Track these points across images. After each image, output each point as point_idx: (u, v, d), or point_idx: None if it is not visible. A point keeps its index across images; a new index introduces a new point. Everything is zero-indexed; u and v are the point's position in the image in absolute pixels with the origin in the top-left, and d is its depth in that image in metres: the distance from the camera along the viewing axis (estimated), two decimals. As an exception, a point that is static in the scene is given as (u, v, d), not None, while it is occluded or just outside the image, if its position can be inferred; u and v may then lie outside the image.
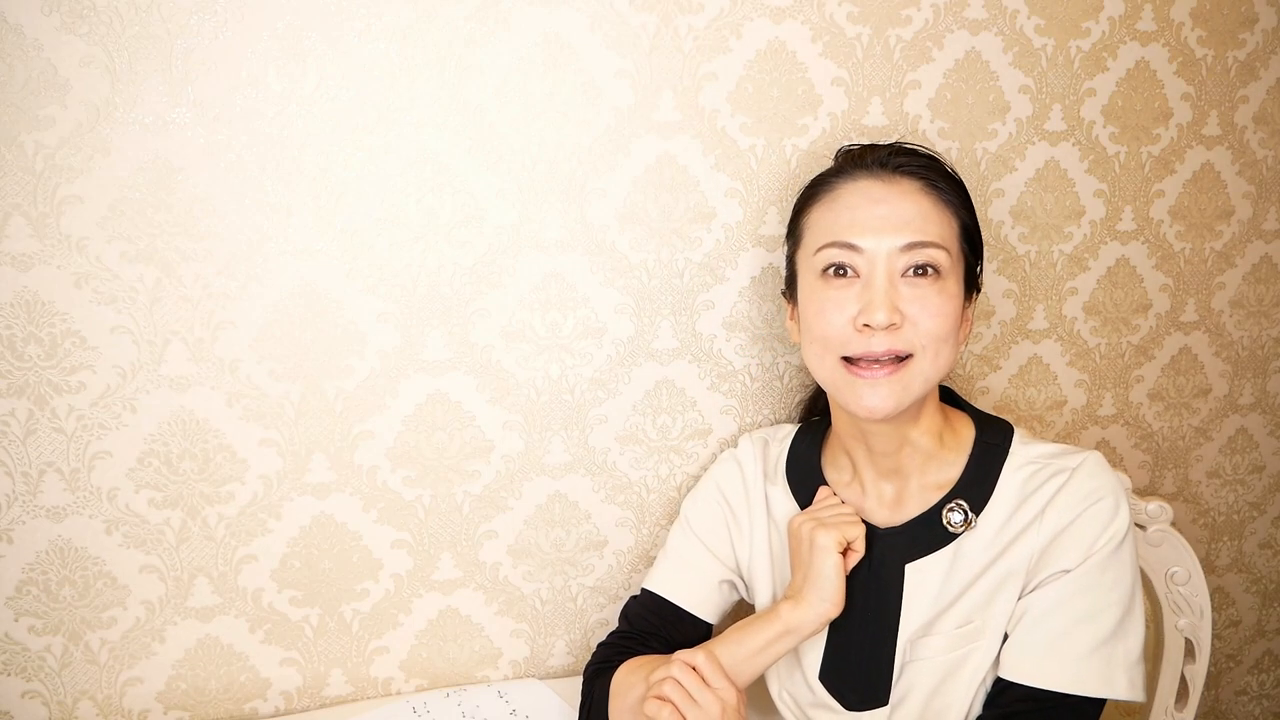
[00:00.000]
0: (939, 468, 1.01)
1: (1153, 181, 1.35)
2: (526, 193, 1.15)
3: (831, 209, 0.98)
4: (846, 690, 1.00)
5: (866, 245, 0.94)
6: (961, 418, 1.05)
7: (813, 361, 1.00)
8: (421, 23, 1.08)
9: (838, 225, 0.96)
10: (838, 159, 1.06)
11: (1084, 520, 0.92)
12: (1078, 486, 0.93)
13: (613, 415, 1.23)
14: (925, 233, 0.94)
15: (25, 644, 1.12)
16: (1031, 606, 0.92)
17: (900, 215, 0.94)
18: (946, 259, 0.95)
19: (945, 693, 0.95)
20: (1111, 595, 0.91)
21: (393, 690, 1.25)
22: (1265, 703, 1.64)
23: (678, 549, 1.14)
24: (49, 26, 0.99)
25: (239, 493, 1.14)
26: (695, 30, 1.15)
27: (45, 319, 1.05)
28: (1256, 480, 1.53)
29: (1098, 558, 0.90)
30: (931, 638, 0.96)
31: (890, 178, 0.97)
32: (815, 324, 0.97)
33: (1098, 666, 0.89)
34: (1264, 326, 1.46)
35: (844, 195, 0.98)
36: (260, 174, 1.07)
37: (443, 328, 1.16)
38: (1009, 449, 1.00)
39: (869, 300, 0.93)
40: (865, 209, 0.95)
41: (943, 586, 0.97)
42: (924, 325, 0.93)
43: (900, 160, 0.98)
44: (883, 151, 1.00)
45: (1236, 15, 1.32)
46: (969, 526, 0.97)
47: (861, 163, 1.00)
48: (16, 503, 1.08)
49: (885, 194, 0.96)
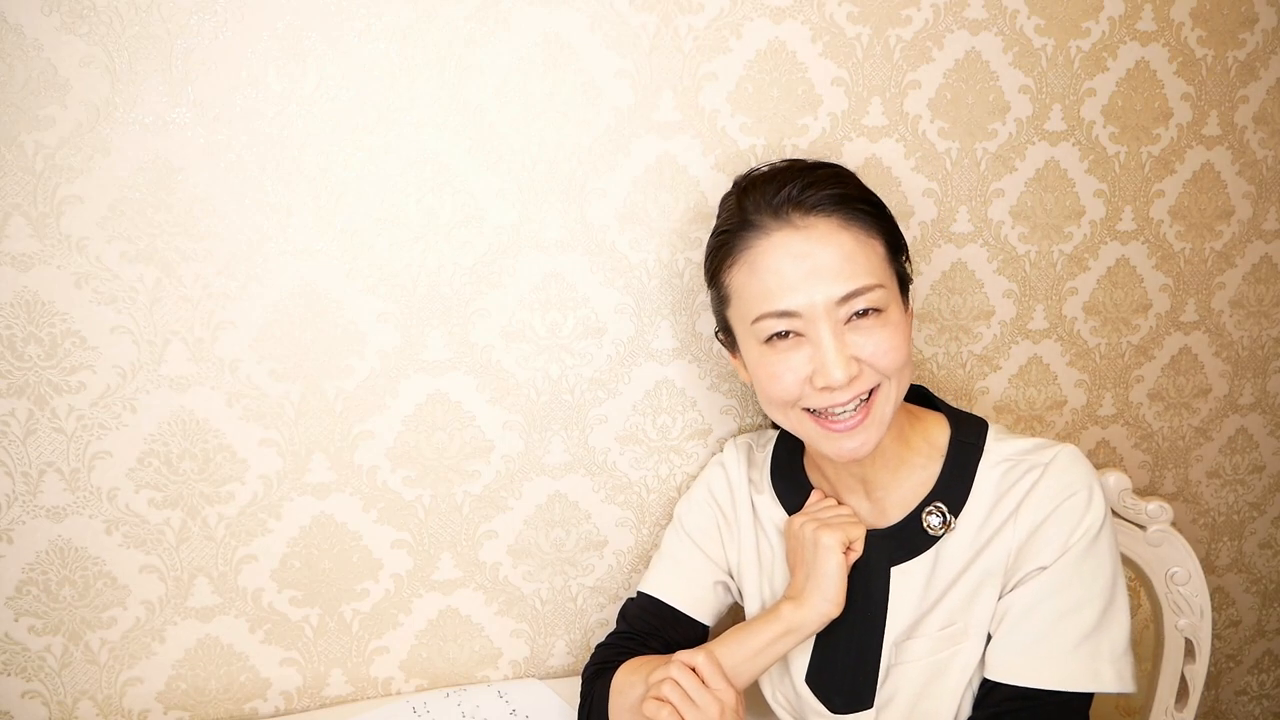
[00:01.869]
0: (909, 472, 1.00)
1: (1153, 181, 1.35)
2: (526, 193, 1.15)
3: (755, 274, 0.93)
4: (832, 693, 1.00)
5: (802, 309, 0.90)
6: (935, 418, 1.03)
7: (775, 415, 0.98)
8: (421, 23, 1.08)
9: (767, 293, 0.92)
10: (738, 199, 0.98)
11: (1058, 516, 0.91)
12: (1050, 482, 0.93)
13: (613, 415, 1.23)
14: (856, 278, 0.90)
15: (25, 644, 1.12)
16: (1013, 605, 0.92)
17: (828, 266, 0.90)
18: (884, 294, 0.92)
19: (931, 696, 0.95)
20: (1092, 588, 0.90)
21: (393, 690, 1.25)
22: (1265, 703, 1.64)
23: (672, 552, 1.14)
24: (49, 26, 0.99)
25: (239, 493, 1.14)
26: (695, 30, 1.15)
27: (45, 319, 1.05)
28: (1256, 480, 1.53)
29: (1074, 552, 0.90)
30: (915, 640, 0.96)
31: (805, 221, 0.92)
32: (771, 388, 0.94)
33: (1083, 660, 0.89)
34: (1264, 326, 1.46)
35: (763, 257, 0.93)
36: (260, 174, 1.07)
37: (443, 328, 1.16)
38: (984, 447, 0.99)
39: (822, 362, 0.90)
40: (791, 267, 0.91)
41: (926, 589, 0.97)
42: (881, 362, 0.91)
43: (808, 196, 0.92)
44: (788, 189, 0.93)
45: (1236, 15, 1.32)
46: (948, 529, 0.96)
47: (771, 208, 0.93)
48: (16, 503, 1.08)
49: (806, 247, 0.91)
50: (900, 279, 0.97)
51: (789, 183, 0.94)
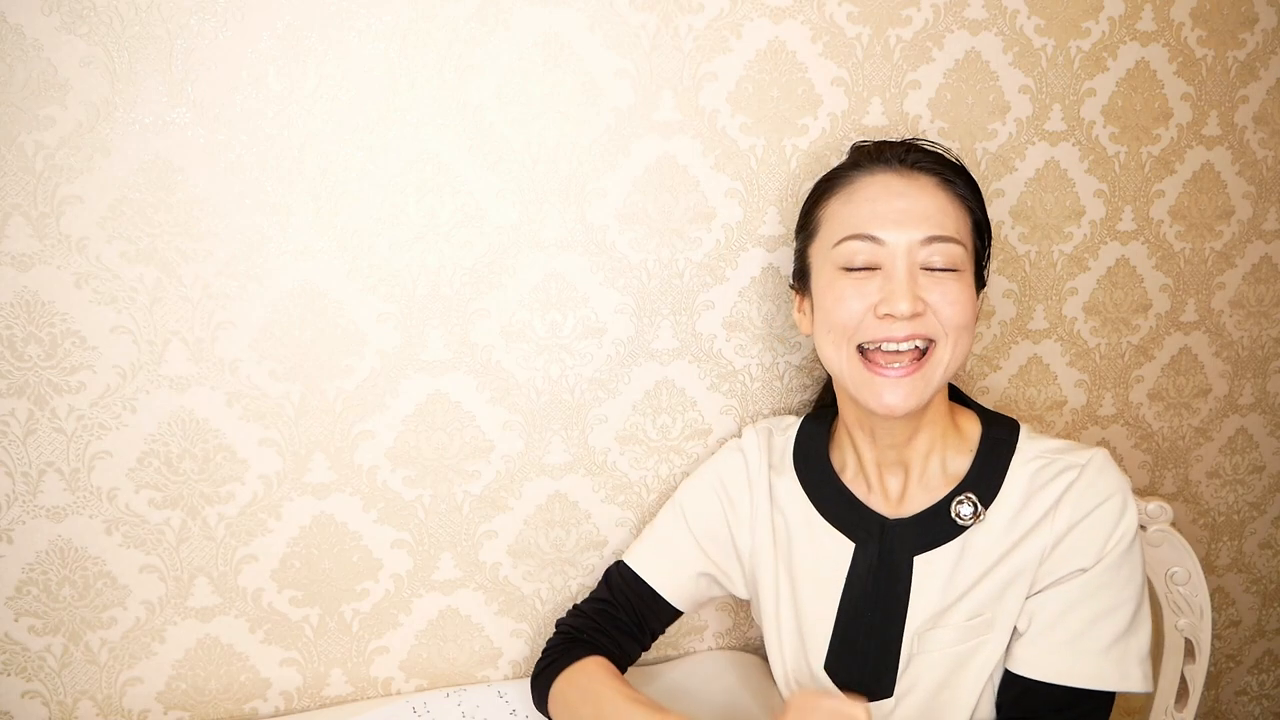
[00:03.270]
0: (944, 461, 1.02)
1: (1153, 181, 1.35)
2: (526, 193, 1.15)
3: (850, 202, 0.99)
4: (852, 681, 1.01)
5: (888, 238, 0.95)
6: (968, 414, 1.06)
7: (828, 351, 0.99)
8: (421, 22, 1.08)
9: (858, 218, 0.97)
10: (852, 154, 1.06)
11: (1096, 518, 0.93)
12: (1089, 484, 0.94)
13: (613, 415, 1.23)
14: (944, 227, 0.95)
15: (25, 644, 1.12)
16: (1047, 604, 0.93)
17: (920, 209, 0.95)
18: (963, 253, 0.96)
19: (953, 686, 0.96)
20: (1125, 592, 0.92)
21: (393, 690, 1.25)
22: (1265, 703, 1.64)
23: (665, 533, 1.14)
24: (49, 26, 0.99)
25: (239, 493, 1.14)
26: (695, 30, 1.15)
27: (45, 319, 1.05)
28: (1256, 480, 1.53)
29: (1113, 556, 0.92)
30: (940, 630, 0.97)
31: (908, 173, 0.98)
32: (835, 311, 0.97)
33: (1114, 662, 0.91)
34: (1264, 326, 1.46)
35: (863, 189, 0.99)
36: (260, 174, 1.07)
37: (443, 328, 1.16)
38: (1016, 444, 1.01)
39: (891, 290, 0.93)
40: (885, 201, 0.96)
41: (950, 579, 0.98)
42: (945, 313, 0.94)
43: (916, 156, 0.99)
44: (899, 148, 1.01)
45: (1236, 15, 1.32)
46: (978, 519, 0.98)
47: (879, 157, 1.01)
48: (16, 503, 1.08)
49: (905, 188, 0.97)
50: (978, 263, 1.01)
51: (902, 146, 1.01)
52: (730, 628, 1.35)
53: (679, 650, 1.34)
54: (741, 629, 1.36)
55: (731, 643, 1.36)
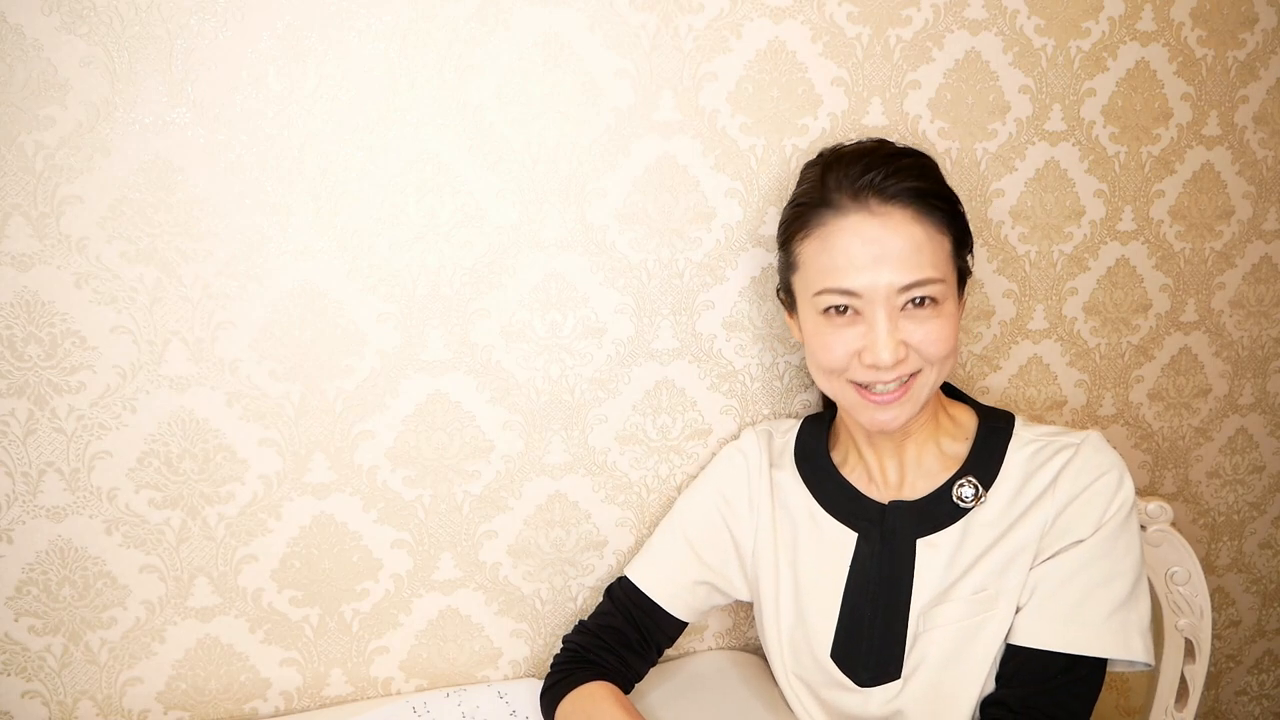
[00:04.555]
0: (942, 448, 1.05)
1: (1153, 181, 1.35)
2: (526, 193, 1.15)
3: (825, 250, 0.97)
4: (859, 667, 1.02)
5: (864, 290, 0.95)
6: (963, 408, 1.09)
7: (819, 378, 1.03)
8: (421, 22, 1.08)
9: (834, 270, 0.96)
10: (824, 173, 1.00)
11: (1093, 491, 0.96)
12: (1085, 460, 0.97)
13: (613, 415, 1.23)
14: (921, 269, 0.94)
15: (25, 644, 1.12)
16: (1047, 576, 0.95)
17: (895, 253, 0.94)
18: (943, 288, 0.96)
19: (959, 662, 0.97)
20: (1124, 562, 0.94)
21: (393, 690, 1.25)
22: (1265, 703, 1.64)
23: (662, 544, 1.15)
24: (49, 26, 0.99)
25: (239, 493, 1.14)
26: (695, 30, 1.15)
27: (45, 319, 1.05)
28: (1256, 480, 1.53)
29: (1110, 526, 0.94)
30: (946, 605, 0.99)
31: (882, 209, 0.95)
32: (821, 355, 1.00)
33: (1115, 630, 0.93)
34: (1264, 326, 1.46)
35: (836, 236, 0.96)
36: (260, 174, 1.07)
37: (443, 328, 1.16)
38: (1012, 431, 1.04)
39: (872, 342, 0.95)
40: (860, 250, 0.95)
41: (953, 559, 1.00)
42: (928, 350, 0.96)
43: (887, 184, 0.95)
44: (873, 173, 0.96)
45: (1236, 15, 1.32)
46: (979, 502, 1.00)
47: (852, 190, 0.96)
48: (16, 503, 1.08)
49: (878, 233, 0.94)
50: (960, 273, 1.02)
51: (874, 168, 0.96)
52: (730, 628, 1.35)
53: (679, 650, 1.34)
54: (741, 629, 1.36)
55: (731, 643, 1.36)
